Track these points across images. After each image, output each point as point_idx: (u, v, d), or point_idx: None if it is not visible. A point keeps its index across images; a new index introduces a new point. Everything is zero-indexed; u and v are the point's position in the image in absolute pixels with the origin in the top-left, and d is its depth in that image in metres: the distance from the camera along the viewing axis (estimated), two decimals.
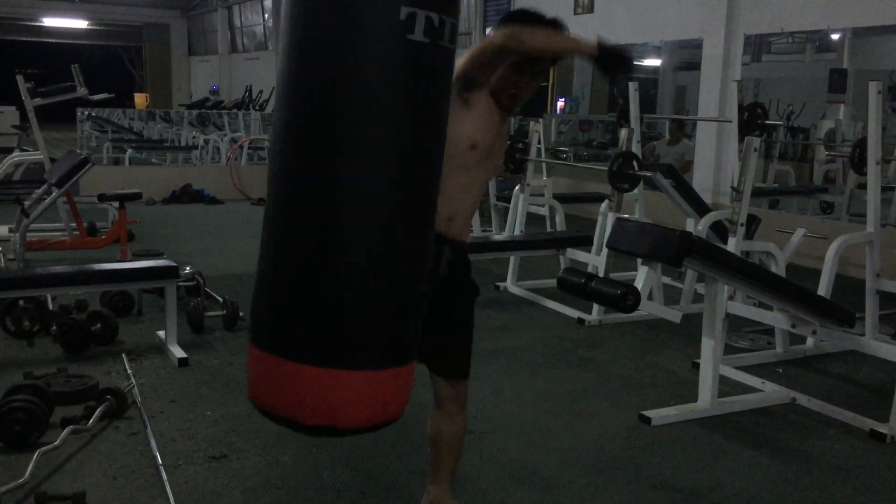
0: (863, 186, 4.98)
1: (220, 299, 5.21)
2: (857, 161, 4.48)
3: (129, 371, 4.18)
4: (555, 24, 2.39)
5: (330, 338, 1.98)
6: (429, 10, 1.88)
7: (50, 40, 30.22)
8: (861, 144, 4.43)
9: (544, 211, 7.54)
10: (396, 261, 2.00)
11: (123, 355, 4.42)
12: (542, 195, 7.53)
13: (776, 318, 4.26)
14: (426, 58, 1.93)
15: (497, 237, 7.03)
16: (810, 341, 4.80)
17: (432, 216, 2.09)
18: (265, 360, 2.07)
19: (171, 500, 2.90)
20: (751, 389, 4.22)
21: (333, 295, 1.97)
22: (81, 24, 28.27)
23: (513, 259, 6.29)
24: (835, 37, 9.14)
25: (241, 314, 5.07)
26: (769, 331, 4.92)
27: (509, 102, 2.45)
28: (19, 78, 7.29)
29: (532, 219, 7.16)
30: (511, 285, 6.25)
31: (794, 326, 4.13)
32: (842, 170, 8.60)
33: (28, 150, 9.65)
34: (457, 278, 2.52)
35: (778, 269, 4.73)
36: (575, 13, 10.65)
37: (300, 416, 2.02)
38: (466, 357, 2.59)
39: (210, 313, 5.01)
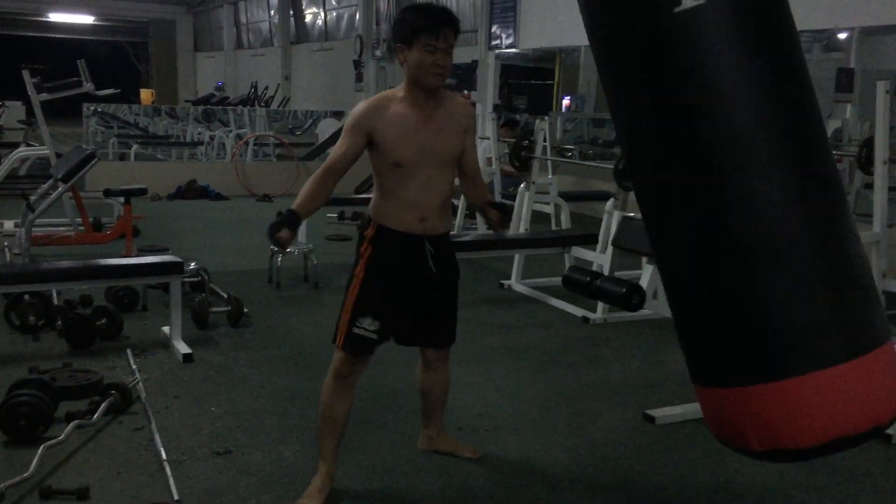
0: (869, 186, 4.97)
1: (225, 295, 5.21)
2: (864, 161, 4.47)
3: (134, 366, 4.18)
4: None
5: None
6: None
7: (56, 36, 30.27)
8: (868, 144, 4.42)
9: (549, 209, 7.54)
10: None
11: (128, 350, 4.43)
12: (548, 193, 7.52)
13: None
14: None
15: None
16: None
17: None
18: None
19: (175, 495, 2.90)
20: None
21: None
22: (87, 19, 28.32)
23: (517, 257, 6.28)
24: (842, 36, 9.11)
25: (245, 310, 5.07)
26: None
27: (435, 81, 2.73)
28: (25, 73, 7.31)
29: (537, 217, 7.16)
30: (516, 283, 6.24)
31: None
32: (848, 169, 8.56)
33: (34, 145, 9.68)
34: (444, 264, 2.91)
35: None
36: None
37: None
38: (455, 325, 3.06)
39: (215, 309, 5.01)
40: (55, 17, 27.84)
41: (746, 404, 1.95)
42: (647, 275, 3.79)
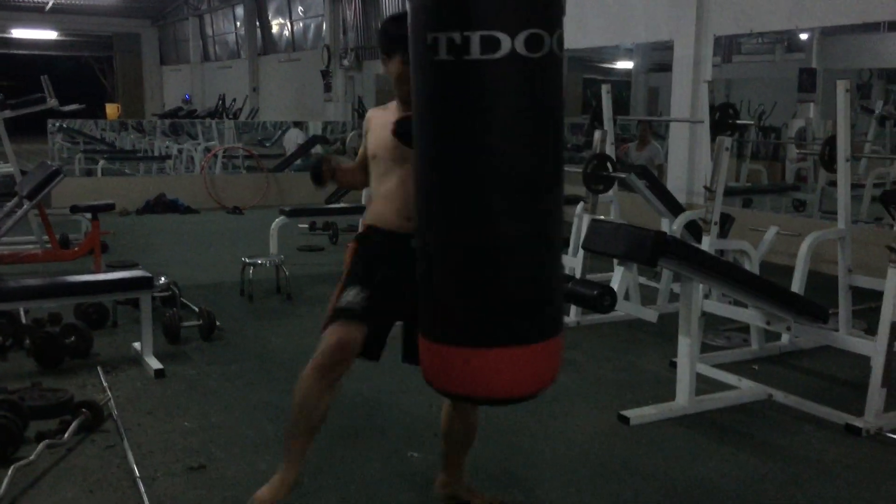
0: (834, 184, 5.05)
1: (196, 309, 5.17)
2: (828, 159, 4.54)
3: (105, 383, 4.14)
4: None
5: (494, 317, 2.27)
6: (447, 31, 2.14)
7: (19, 52, 29.87)
8: (830, 142, 4.49)
9: None
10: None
11: (98, 368, 4.37)
12: None
13: (751, 316, 4.30)
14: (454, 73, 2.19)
15: None
16: (785, 338, 4.84)
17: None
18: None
19: None
20: (728, 387, 4.25)
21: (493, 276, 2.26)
22: (51, 34, 28.02)
23: None
24: (803, 37, 9.25)
25: (217, 323, 5.04)
26: (745, 328, 4.97)
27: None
28: None
29: None
30: None
31: (768, 323, 4.17)
32: (813, 168, 8.70)
33: None
34: None
35: (752, 266, 4.78)
36: None
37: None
38: None
39: (186, 323, 4.97)
40: (18, 33, 27.50)
41: (474, 362, 2.32)
42: (618, 276, 3.82)
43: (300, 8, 20.31)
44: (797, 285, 4.48)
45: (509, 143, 2.25)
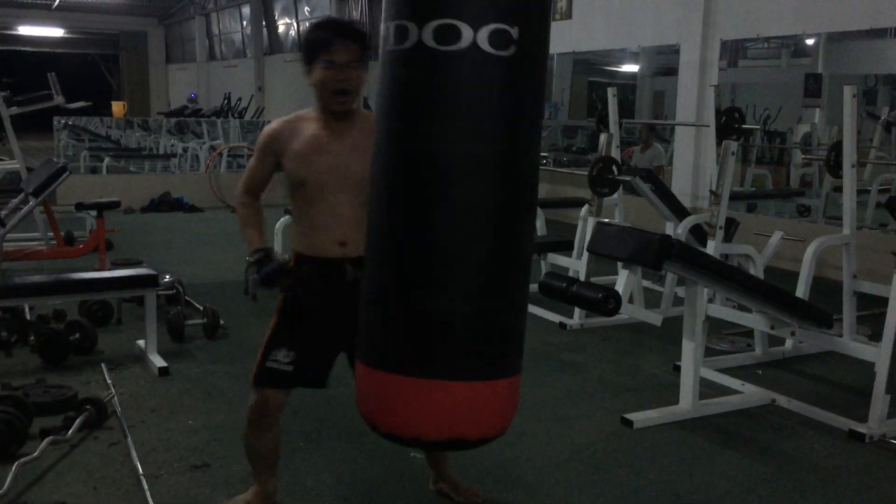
0: (839, 189, 5.04)
1: (201, 307, 5.18)
2: (833, 164, 4.53)
3: (109, 381, 4.14)
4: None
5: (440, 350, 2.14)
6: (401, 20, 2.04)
7: (26, 49, 29.97)
8: (836, 148, 4.48)
9: None
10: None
11: (103, 365, 4.38)
12: None
13: (755, 321, 4.29)
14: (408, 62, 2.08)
15: None
16: (789, 343, 4.84)
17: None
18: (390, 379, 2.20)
19: None
20: (731, 391, 4.25)
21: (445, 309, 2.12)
22: (57, 32, 28.09)
23: None
24: (809, 42, 9.26)
25: (221, 322, 5.04)
26: (749, 333, 4.96)
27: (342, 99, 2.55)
28: None
29: None
30: None
31: (773, 328, 4.17)
32: (818, 173, 8.69)
33: (3, 160, 9.56)
34: None
35: (756, 271, 4.77)
36: (553, 19, 10.71)
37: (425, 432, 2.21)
38: None
39: (190, 322, 4.98)
40: (25, 30, 27.58)
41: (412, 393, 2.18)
42: (622, 279, 3.81)
43: (306, 8, 20.35)
44: (802, 290, 4.48)
45: (466, 154, 2.06)
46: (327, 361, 2.69)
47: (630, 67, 13.64)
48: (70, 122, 14.09)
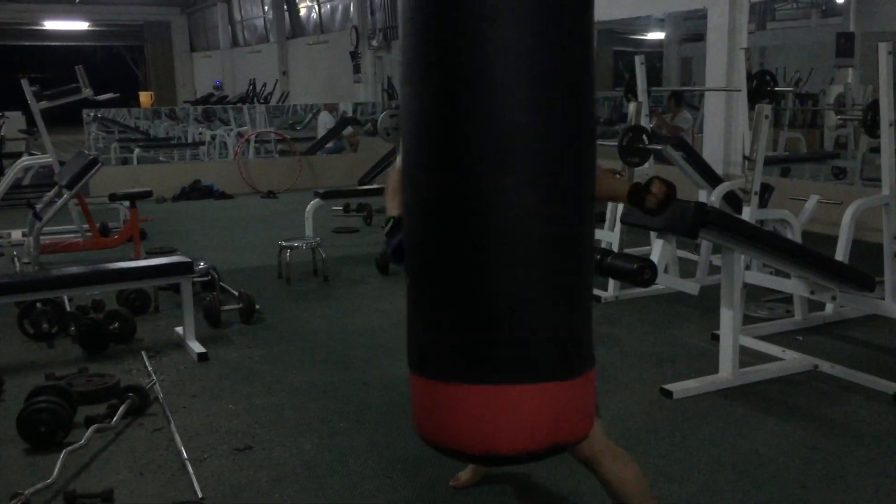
0: (875, 150, 4.95)
1: (236, 293, 5.22)
2: (870, 124, 4.43)
3: (150, 368, 4.20)
4: None
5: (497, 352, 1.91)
6: None
7: (52, 43, 30.25)
8: (873, 107, 4.38)
9: None
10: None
11: (143, 353, 4.44)
12: None
13: (794, 286, 4.23)
14: None
15: None
16: (829, 308, 4.77)
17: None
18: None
19: (199, 492, 2.91)
20: (772, 358, 4.20)
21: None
22: (82, 25, 28.31)
23: None
24: (839, 0, 9.04)
25: (257, 307, 5.08)
26: (787, 299, 4.90)
27: None
28: (24, 82, 7.29)
29: None
30: None
31: (812, 293, 4.10)
32: (853, 135, 8.53)
33: (36, 154, 9.67)
34: None
35: (794, 236, 4.70)
36: None
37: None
38: None
39: (226, 307, 5.02)
40: (50, 24, 27.84)
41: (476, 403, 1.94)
42: (657, 249, 3.77)
43: None
44: (841, 254, 4.40)
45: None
46: None
47: (656, 35, 13.45)
48: (99, 115, 14.21)
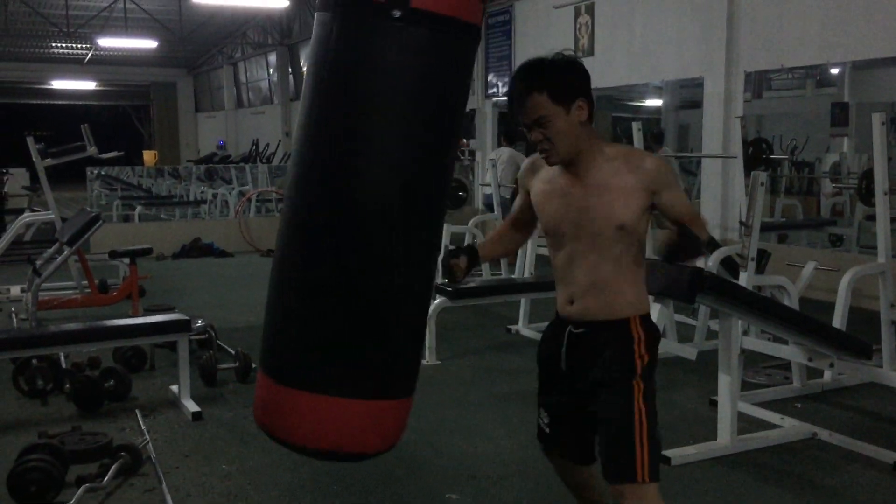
0: (871, 218, 4.98)
1: (233, 351, 5.20)
2: (865, 192, 4.49)
3: (144, 427, 4.16)
4: None
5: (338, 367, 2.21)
6: None
7: (59, 102, 30.70)
8: (868, 176, 4.44)
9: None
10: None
11: (137, 411, 4.40)
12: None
13: (792, 352, 4.22)
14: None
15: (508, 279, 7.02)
16: (828, 375, 4.75)
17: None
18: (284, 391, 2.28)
19: None
20: (770, 426, 4.17)
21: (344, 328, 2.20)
22: (90, 85, 28.73)
23: (524, 301, 6.27)
24: (834, 71, 9.21)
25: (253, 365, 5.05)
26: (785, 365, 4.88)
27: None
28: (30, 139, 7.39)
29: (542, 259, 7.16)
30: (523, 328, 6.22)
31: (810, 360, 4.09)
32: (849, 202, 8.60)
33: (39, 211, 9.74)
34: (587, 361, 2.39)
35: (791, 302, 4.71)
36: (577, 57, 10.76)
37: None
38: (624, 452, 2.45)
39: (223, 366, 5.00)
40: (58, 84, 28.25)
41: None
42: (655, 314, 3.77)
43: None
44: (838, 321, 4.40)
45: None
46: (573, 430, 2.48)
47: (653, 102, 13.66)
48: (102, 172, 14.34)
